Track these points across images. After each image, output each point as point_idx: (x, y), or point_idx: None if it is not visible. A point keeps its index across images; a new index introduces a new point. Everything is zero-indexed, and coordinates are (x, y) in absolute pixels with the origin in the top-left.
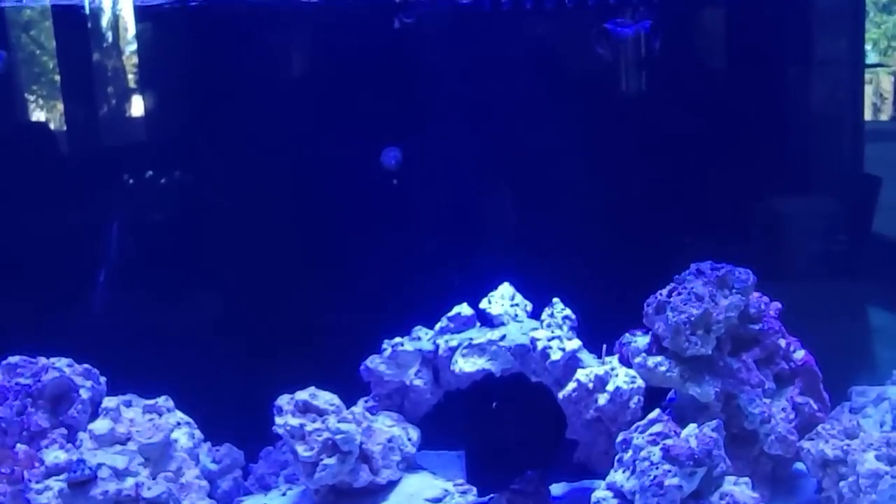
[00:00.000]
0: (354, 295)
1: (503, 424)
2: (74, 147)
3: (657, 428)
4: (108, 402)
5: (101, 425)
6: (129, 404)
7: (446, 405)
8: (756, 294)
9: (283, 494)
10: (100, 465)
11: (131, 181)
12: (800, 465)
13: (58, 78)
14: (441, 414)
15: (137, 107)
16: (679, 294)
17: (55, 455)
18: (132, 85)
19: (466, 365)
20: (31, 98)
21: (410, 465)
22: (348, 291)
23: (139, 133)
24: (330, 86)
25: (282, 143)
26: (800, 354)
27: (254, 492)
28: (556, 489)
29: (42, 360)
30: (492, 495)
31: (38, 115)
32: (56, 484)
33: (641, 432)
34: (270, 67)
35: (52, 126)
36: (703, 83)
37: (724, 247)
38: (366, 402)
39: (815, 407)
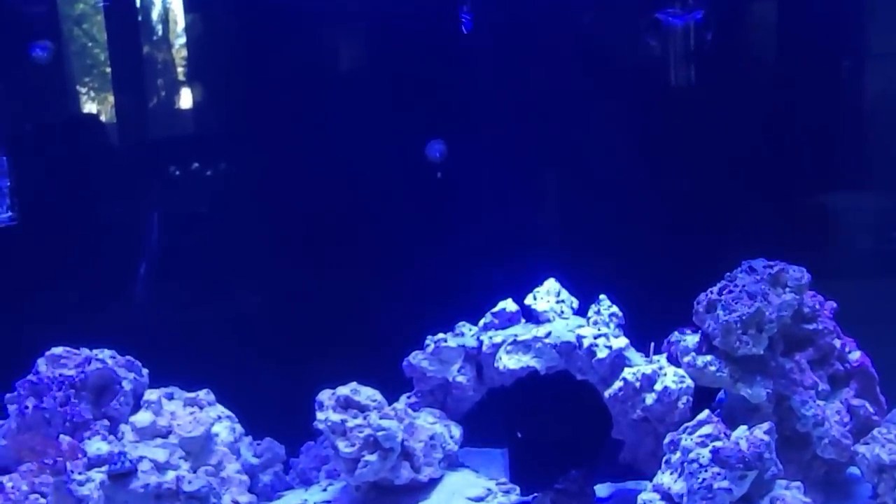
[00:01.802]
0: (397, 290)
1: (547, 423)
2: (123, 139)
3: (707, 429)
4: (150, 394)
5: (142, 418)
6: (170, 397)
7: (489, 402)
8: (810, 292)
9: (324, 490)
10: (141, 458)
11: (177, 174)
12: (854, 470)
13: (109, 70)
14: (483, 411)
15: (185, 99)
16: (730, 292)
17: (97, 446)
18: (181, 77)
19: (511, 362)
20: (83, 90)
21: (452, 463)
22: (391, 286)
23: (186, 125)
24: (377, 78)
25: (327, 137)
26: (855, 355)
27: (294, 486)
28: (601, 490)
29: (85, 352)
30: (535, 495)
31: (89, 107)
32: (98, 475)
33: (690, 433)
34: (319, 59)
35: (101, 118)
36: (755, 75)
37: (776, 243)
38: (408, 398)
39: (871, 410)
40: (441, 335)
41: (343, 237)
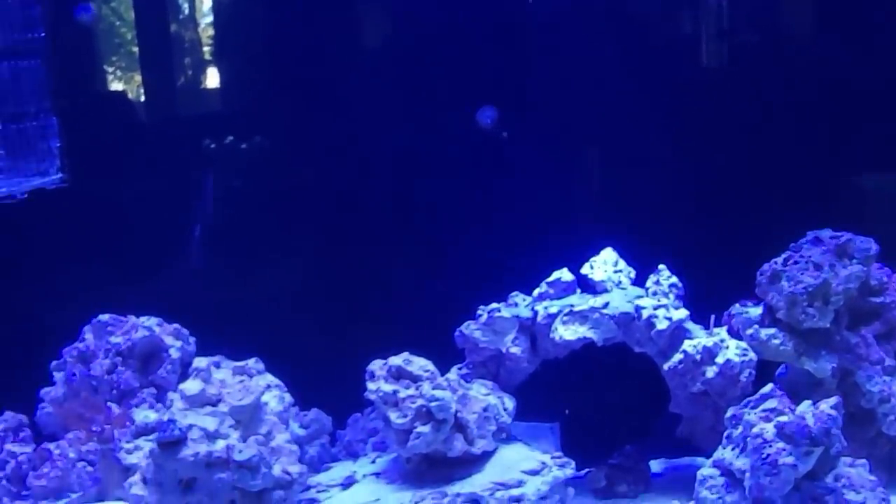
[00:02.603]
0: (446, 260)
1: (601, 396)
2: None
3: (771, 404)
4: (199, 362)
5: (191, 386)
6: (217, 365)
7: (540, 374)
8: (877, 264)
9: (373, 462)
10: (190, 426)
11: (228, 144)
12: None
13: (136, 49)
14: (534, 383)
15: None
16: (795, 263)
17: (145, 414)
18: (208, 56)
19: (567, 333)
20: (110, 69)
21: (506, 436)
22: (440, 256)
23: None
24: (424, 46)
25: (376, 107)
26: None
27: (341, 458)
28: (656, 465)
29: (132, 319)
30: (589, 469)
31: (117, 86)
32: (146, 444)
33: (753, 408)
34: (357, 30)
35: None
36: (819, 50)
37: (839, 215)
38: (459, 369)
39: None
40: (494, 305)
41: (394, 206)
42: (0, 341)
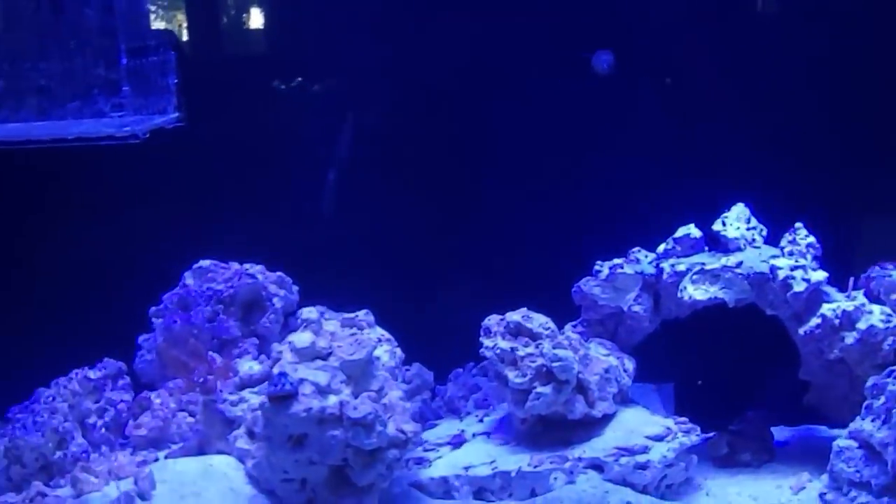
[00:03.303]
0: (560, 213)
1: (722, 359)
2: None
3: None
4: (308, 313)
5: (302, 338)
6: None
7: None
8: None
9: (480, 421)
10: (302, 381)
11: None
12: None
13: None
14: (646, 342)
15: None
16: None
17: (249, 366)
18: None
19: (697, 292)
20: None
21: (625, 399)
22: (553, 209)
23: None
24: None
25: (495, 61)
26: None
27: (442, 415)
28: (779, 433)
29: (235, 266)
30: (710, 435)
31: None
32: (251, 396)
33: None
34: None
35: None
36: None
37: None
38: (574, 327)
39: None
40: (617, 261)
41: (506, 158)
42: (102, 285)
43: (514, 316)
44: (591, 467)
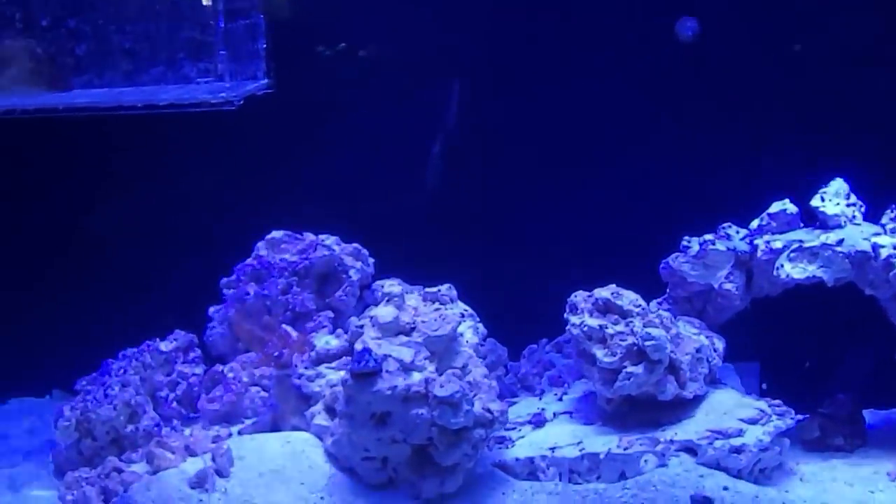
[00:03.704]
0: (639, 188)
1: (810, 338)
2: None
3: None
4: (391, 286)
5: (385, 312)
6: None
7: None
8: None
9: (559, 399)
10: (385, 357)
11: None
12: None
13: None
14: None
15: None
16: None
17: (326, 340)
18: None
19: (795, 271)
20: None
21: (714, 380)
22: (635, 184)
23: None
24: None
25: (576, 39)
26: None
27: (516, 392)
28: (870, 417)
29: (309, 237)
30: (801, 417)
31: None
32: (329, 372)
33: None
34: None
35: None
36: None
37: None
38: (659, 304)
39: None
40: (707, 237)
41: (593, 135)
42: (172, 254)
43: (603, 292)
44: (684, 450)
